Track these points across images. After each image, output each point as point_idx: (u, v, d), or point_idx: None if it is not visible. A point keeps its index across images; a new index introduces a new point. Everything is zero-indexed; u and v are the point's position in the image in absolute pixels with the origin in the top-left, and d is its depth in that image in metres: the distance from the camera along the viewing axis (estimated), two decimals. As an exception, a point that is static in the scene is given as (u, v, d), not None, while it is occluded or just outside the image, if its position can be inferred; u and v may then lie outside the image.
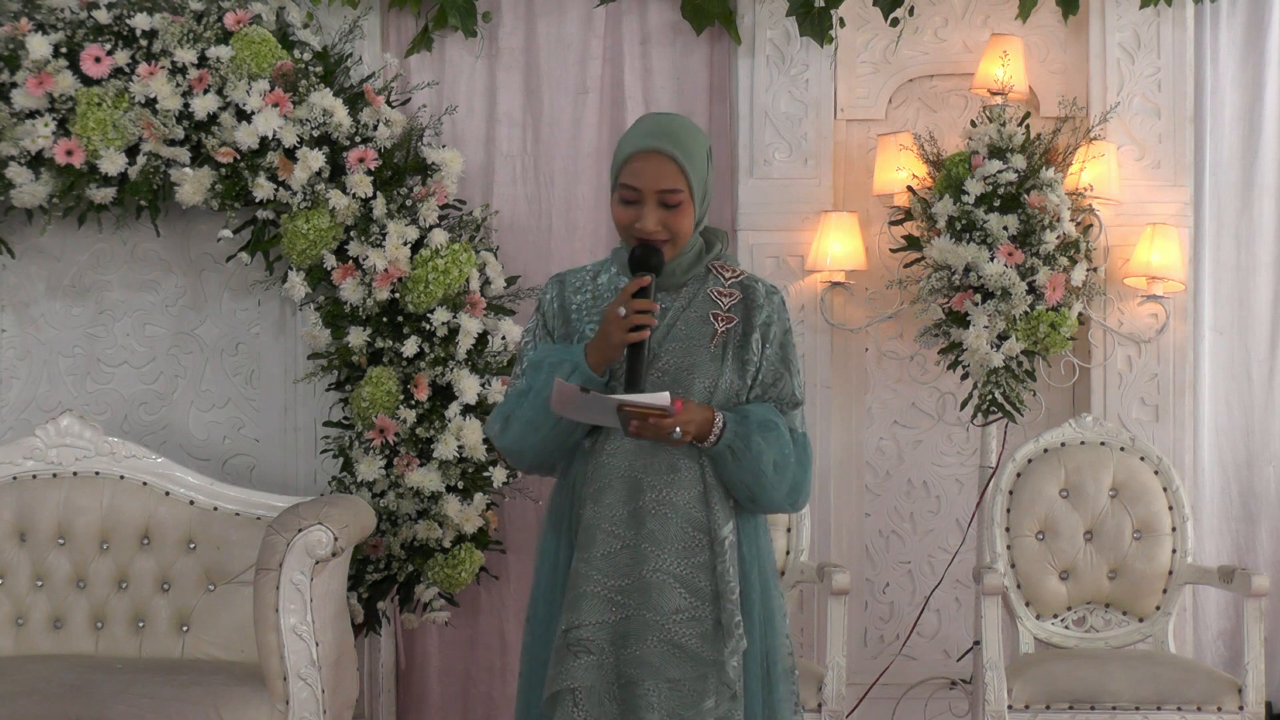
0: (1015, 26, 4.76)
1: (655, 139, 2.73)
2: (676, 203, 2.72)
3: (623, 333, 2.65)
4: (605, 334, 2.68)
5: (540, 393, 2.71)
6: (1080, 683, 3.99)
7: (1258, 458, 4.88)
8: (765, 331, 2.80)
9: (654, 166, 2.71)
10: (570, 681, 2.69)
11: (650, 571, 2.71)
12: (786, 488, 2.78)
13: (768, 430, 2.75)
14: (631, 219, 2.73)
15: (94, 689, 3.74)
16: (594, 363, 2.70)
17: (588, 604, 2.70)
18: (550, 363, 2.73)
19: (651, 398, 2.61)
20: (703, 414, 2.70)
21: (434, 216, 4.40)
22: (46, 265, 4.71)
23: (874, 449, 4.89)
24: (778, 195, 4.77)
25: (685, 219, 2.74)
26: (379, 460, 4.36)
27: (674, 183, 2.71)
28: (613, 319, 2.66)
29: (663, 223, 2.72)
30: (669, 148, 2.71)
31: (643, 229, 2.72)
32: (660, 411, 2.61)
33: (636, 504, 2.72)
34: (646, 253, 2.71)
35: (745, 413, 2.76)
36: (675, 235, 2.74)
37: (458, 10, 4.69)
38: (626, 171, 2.73)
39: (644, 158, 2.72)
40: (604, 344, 2.69)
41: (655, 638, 2.70)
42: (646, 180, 2.71)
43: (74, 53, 4.32)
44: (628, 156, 2.73)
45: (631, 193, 2.72)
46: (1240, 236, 4.91)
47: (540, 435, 2.74)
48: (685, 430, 2.66)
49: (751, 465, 2.73)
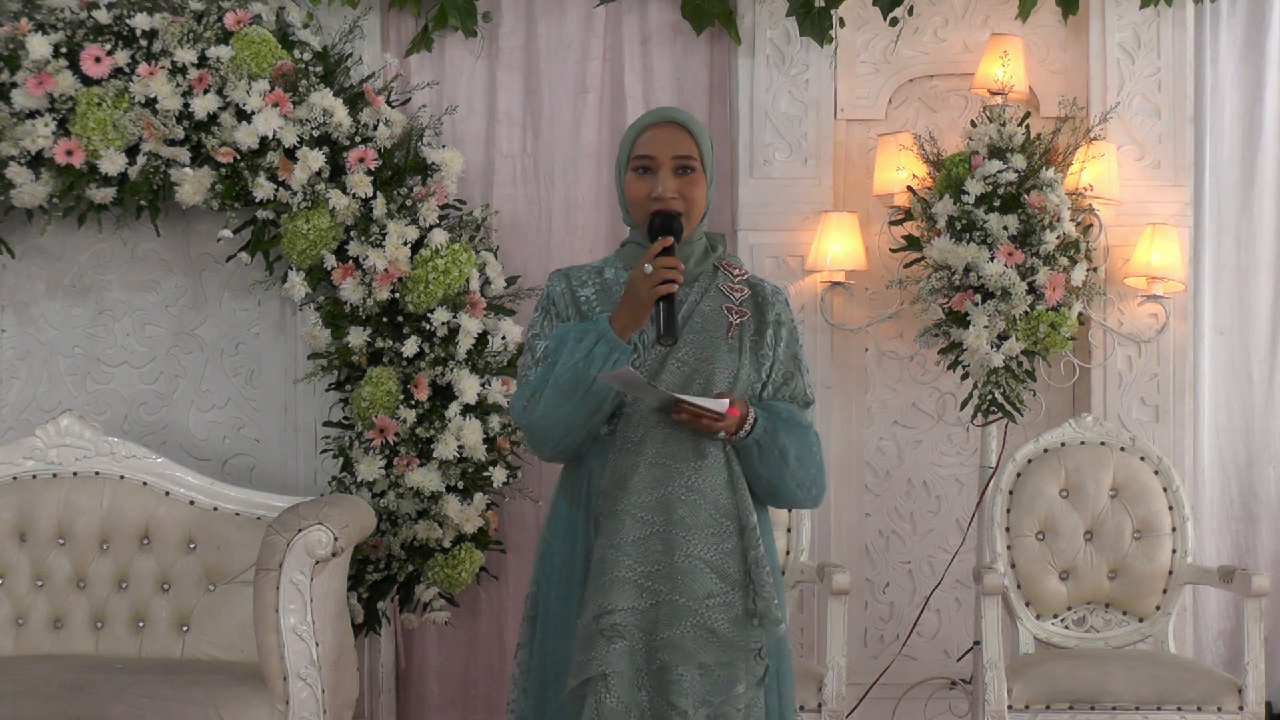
0: (1015, 26, 4.77)
1: (668, 112, 2.83)
2: (691, 169, 2.78)
3: (651, 287, 2.67)
4: (633, 294, 2.70)
5: (567, 362, 2.70)
6: (1080, 683, 3.98)
7: (1258, 458, 4.89)
8: (776, 329, 2.85)
9: (668, 135, 2.78)
10: (603, 667, 2.68)
11: (682, 557, 2.71)
12: (809, 482, 2.82)
13: (793, 426, 2.79)
14: (648, 189, 2.78)
15: (94, 689, 3.74)
16: (620, 327, 2.71)
17: (619, 589, 2.70)
18: (575, 334, 2.73)
19: (711, 402, 2.67)
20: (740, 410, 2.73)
21: (434, 216, 4.40)
22: (46, 265, 4.71)
23: (874, 449, 4.89)
24: (778, 195, 4.77)
25: (699, 189, 2.80)
26: (379, 460, 4.36)
27: (687, 149, 2.78)
28: (639, 278, 2.68)
29: (678, 191, 2.77)
30: (680, 118, 2.81)
31: (661, 194, 2.76)
32: (714, 415, 2.67)
33: (665, 490, 2.73)
34: (667, 219, 2.75)
35: (774, 408, 2.80)
36: (690, 205, 2.79)
37: (458, 10, 4.69)
38: (640, 142, 2.79)
39: (658, 128, 2.80)
40: (632, 304, 2.70)
41: (688, 623, 2.70)
42: (661, 147, 2.78)
43: (74, 53, 4.32)
44: (641, 130, 2.80)
45: (647, 160, 2.78)
46: (1240, 236, 4.91)
47: (571, 406, 2.72)
48: (728, 430, 2.71)
49: (777, 460, 2.77)
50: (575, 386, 2.70)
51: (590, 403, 2.71)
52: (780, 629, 2.77)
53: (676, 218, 2.75)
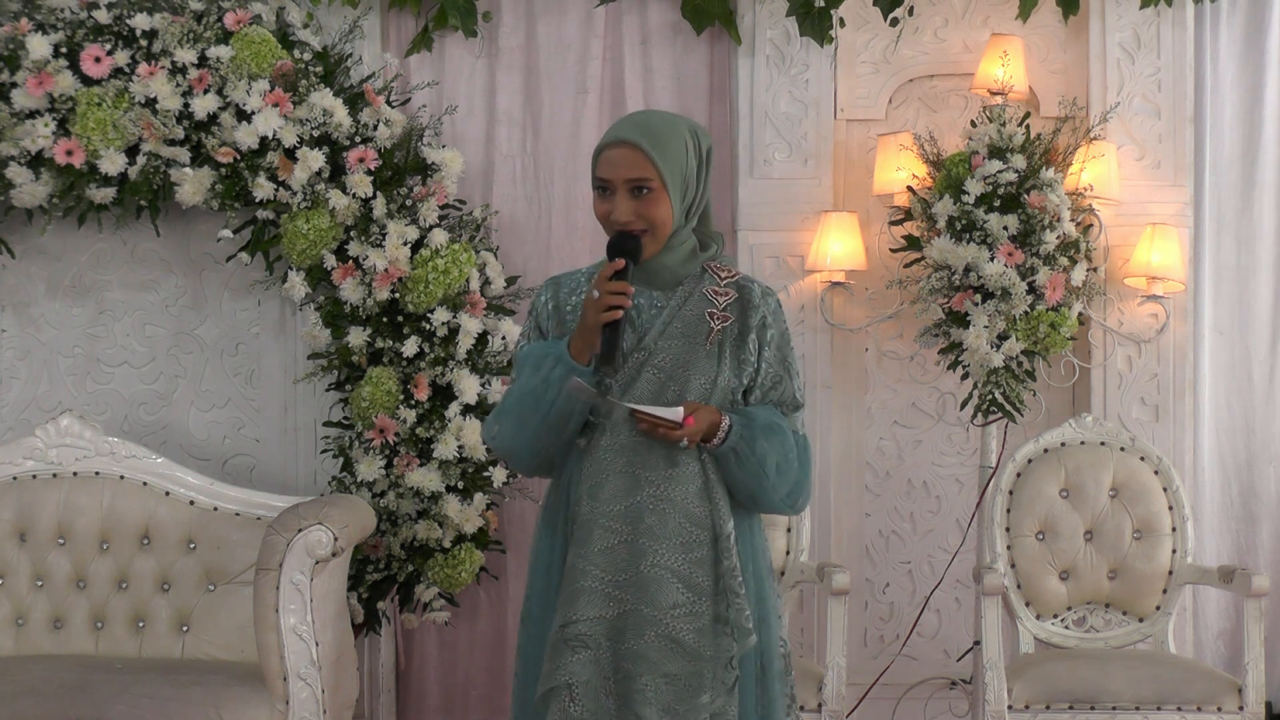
0: (1015, 26, 4.76)
1: (622, 131, 2.76)
2: (648, 189, 2.73)
3: (596, 313, 2.67)
4: (582, 318, 2.71)
5: (524, 389, 2.73)
6: (1080, 683, 3.98)
7: (1258, 458, 4.89)
8: (762, 333, 2.81)
9: (620, 156, 2.74)
10: (566, 677, 2.69)
11: (648, 567, 2.71)
12: (787, 490, 2.79)
13: (771, 433, 2.76)
14: (607, 211, 2.76)
15: (94, 689, 3.74)
16: (576, 351, 2.71)
17: (585, 599, 2.70)
18: (535, 357, 2.75)
19: (665, 411, 2.65)
20: (710, 417, 2.71)
21: (434, 216, 4.40)
22: (46, 265, 4.71)
23: (874, 449, 4.89)
24: (778, 195, 4.77)
25: (659, 208, 2.74)
26: (379, 460, 4.36)
27: (640, 171, 2.73)
28: (589, 302, 2.69)
29: (636, 212, 2.74)
30: (634, 138, 2.73)
31: (617, 219, 2.74)
32: (670, 424, 2.65)
33: (634, 499, 2.72)
34: (622, 239, 2.73)
35: (750, 415, 2.77)
36: (652, 224, 2.75)
37: (458, 10, 4.69)
38: (599, 164, 2.77)
39: (611, 149, 2.75)
40: (582, 328, 2.71)
41: (653, 633, 2.70)
42: (614, 170, 2.74)
43: (74, 53, 4.32)
44: (599, 150, 2.78)
45: (604, 182, 2.76)
46: (1240, 236, 4.91)
47: (529, 432, 2.74)
48: (691, 438, 2.69)
49: (755, 468, 2.74)
50: (535, 409, 2.71)
51: (552, 425, 2.72)
52: (750, 641, 2.73)
53: (633, 238, 2.73)
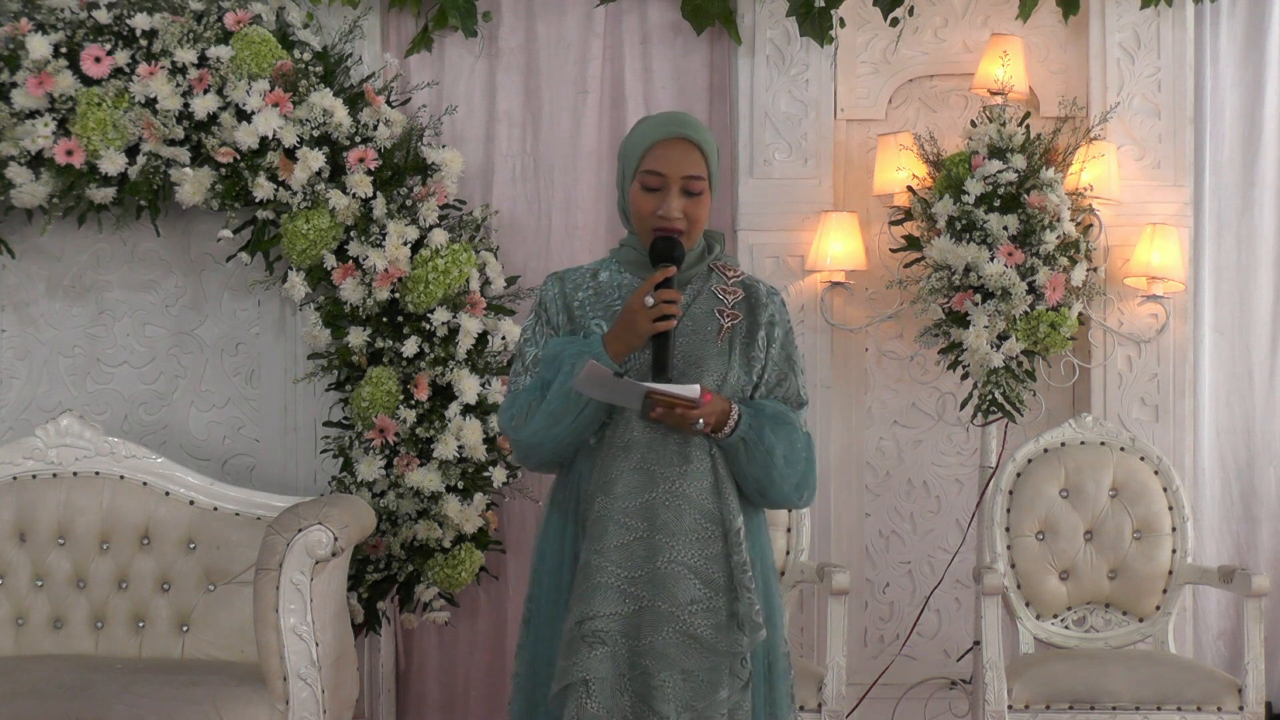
0: (1015, 26, 4.77)
1: (680, 127, 2.76)
2: (699, 190, 2.76)
3: (649, 322, 2.68)
4: (629, 324, 2.70)
5: (563, 386, 2.72)
6: (1080, 683, 3.99)
7: (1258, 458, 4.89)
8: (770, 330, 2.84)
9: (680, 153, 2.74)
10: (584, 673, 2.69)
11: (665, 563, 2.71)
12: (795, 481, 2.81)
13: (780, 424, 2.78)
14: (654, 206, 2.75)
15: (94, 689, 3.74)
16: (615, 352, 2.72)
17: (601, 595, 2.70)
18: (570, 354, 2.74)
19: (682, 389, 2.65)
20: (721, 405, 2.72)
21: (434, 216, 4.40)
22: (46, 265, 4.71)
23: (874, 449, 4.89)
24: (778, 195, 4.77)
25: (704, 208, 2.78)
26: (379, 460, 4.36)
27: (699, 169, 2.75)
28: (638, 308, 2.69)
29: (684, 210, 2.75)
30: (694, 135, 2.75)
31: (667, 214, 2.74)
32: (689, 403, 2.65)
33: (649, 496, 2.73)
34: (669, 245, 2.73)
35: (759, 406, 2.79)
36: (693, 224, 2.77)
37: (458, 10, 4.69)
38: (650, 158, 2.75)
39: (670, 144, 2.74)
40: (628, 333, 2.71)
41: (670, 629, 2.71)
42: (672, 166, 2.74)
43: (74, 53, 4.32)
44: (652, 144, 2.75)
45: (656, 178, 2.75)
46: (1240, 236, 4.91)
47: (562, 428, 2.74)
48: (706, 420, 2.69)
49: (764, 458, 2.76)
50: (568, 410, 2.72)
51: (582, 424, 2.74)
52: (760, 634, 2.75)
53: (679, 244, 2.74)
